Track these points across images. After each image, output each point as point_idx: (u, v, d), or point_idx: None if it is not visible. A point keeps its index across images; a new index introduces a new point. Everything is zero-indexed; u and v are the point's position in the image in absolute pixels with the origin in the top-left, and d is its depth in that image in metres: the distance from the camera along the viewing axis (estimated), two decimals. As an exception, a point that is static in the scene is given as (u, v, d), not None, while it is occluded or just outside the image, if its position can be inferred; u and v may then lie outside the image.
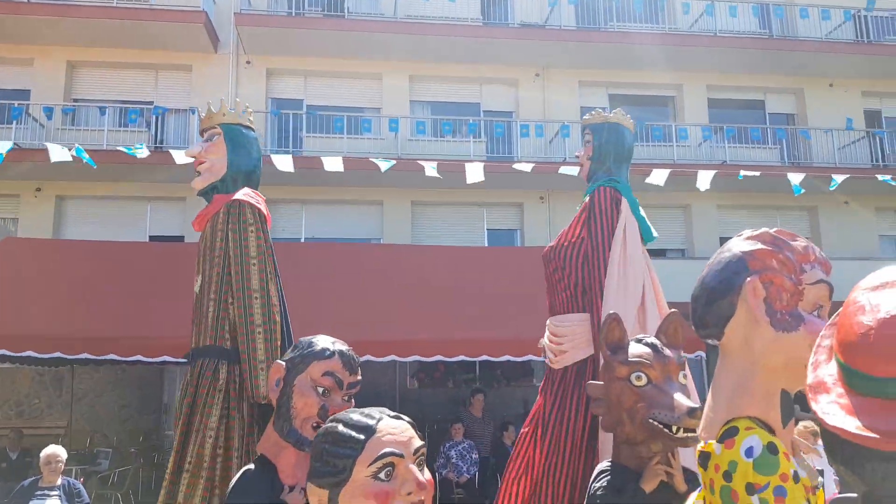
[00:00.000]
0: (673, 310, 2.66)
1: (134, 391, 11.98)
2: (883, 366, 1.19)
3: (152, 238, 13.02)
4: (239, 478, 2.36)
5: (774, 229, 2.03)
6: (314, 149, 13.74)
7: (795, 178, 9.52)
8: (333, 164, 7.73)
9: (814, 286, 1.88)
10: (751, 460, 1.67)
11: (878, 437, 1.15)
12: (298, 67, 14.44)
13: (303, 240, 13.67)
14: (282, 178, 12.97)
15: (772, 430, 1.81)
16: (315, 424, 2.34)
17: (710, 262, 2.02)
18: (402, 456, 1.71)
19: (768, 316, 1.85)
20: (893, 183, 9.15)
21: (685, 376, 2.50)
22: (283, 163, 7.92)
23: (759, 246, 1.92)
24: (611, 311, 2.74)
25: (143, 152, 7.62)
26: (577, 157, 4.40)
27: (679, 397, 2.36)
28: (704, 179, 7.97)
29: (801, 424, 5.00)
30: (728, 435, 1.79)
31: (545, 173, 11.71)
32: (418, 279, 8.78)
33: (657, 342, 2.51)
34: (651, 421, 2.35)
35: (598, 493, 2.47)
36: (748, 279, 1.86)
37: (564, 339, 3.85)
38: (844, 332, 1.30)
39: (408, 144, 14.14)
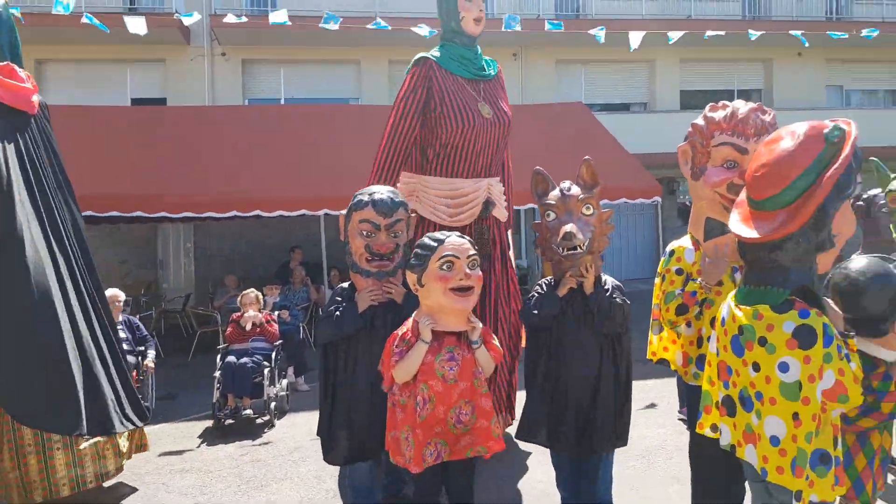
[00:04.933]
0: (586, 157, 3.37)
1: (130, 248, 12.73)
2: (761, 192, 2.14)
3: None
4: (336, 289, 3.40)
5: (709, 105, 2.98)
6: (289, 7, 13.65)
7: (755, 31, 10.09)
8: (328, 24, 8.14)
9: (717, 148, 2.84)
10: (671, 258, 2.90)
11: (757, 235, 2.12)
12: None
13: (283, 101, 13.97)
14: (259, 39, 13.08)
15: (697, 241, 2.88)
16: (367, 258, 3.26)
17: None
18: (457, 257, 2.86)
19: (690, 169, 2.89)
20: (844, 36, 9.84)
21: (589, 208, 3.22)
22: (278, 17, 8.29)
23: (699, 120, 2.95)
24: (537, 167, 3.46)
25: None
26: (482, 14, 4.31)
27: (565, 227, 3.11)
28: (674, 36, 8.61)
29: None
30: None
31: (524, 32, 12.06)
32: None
33: (566, 185, 3.26)
34: (552, 246, 3.20)
35: (530, 296, 3.35)
36: (680, 145, 2.93)
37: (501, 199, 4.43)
38: (748, 173, 2.26)
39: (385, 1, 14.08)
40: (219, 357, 5.94)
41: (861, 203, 3.91)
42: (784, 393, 2.06)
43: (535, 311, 3.23)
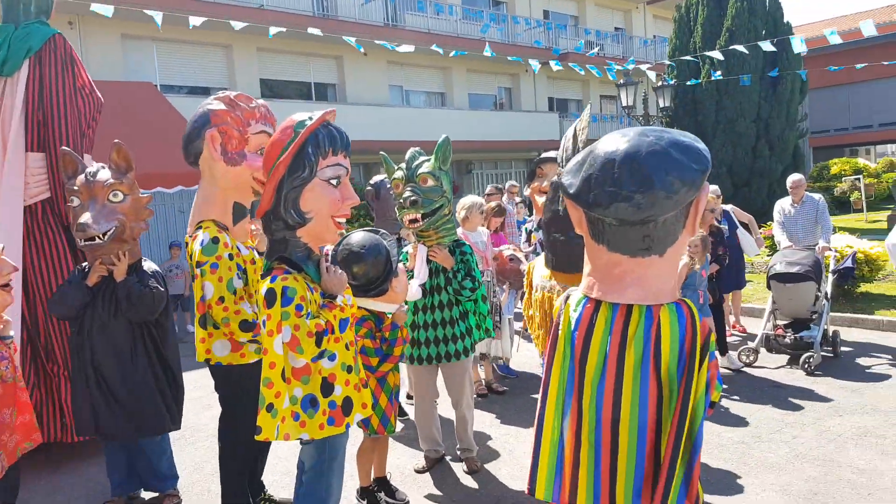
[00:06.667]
0: (116, 140, 3.22)
1: None
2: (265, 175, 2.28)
3: None
4: None
5: (235, 94, 3.00)
6: None
7: (317, 29, 10.70)
8: None
9: (256, 135, 2.94)
10: (200, 248, 2.71)
11: None
12: None
13: None
14: None
15: (226, 227, 2.85)
16: None
17: (191, 116, 2.96)
18: None
19: (223, 155, 2.87)
20: (394, 48, 11.10)
21: (117, 195, 3.06)
22: None
23: (220, 106, 2.92)
24: (63, 147, 3.27)
25: None
26: None
27: (80, 217, 2.95)
28: (238, 25, 8.57)
29: None
30: (196, 231, 2.81)
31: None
32: None
33: (93, 170, 3.09)
34: (77, 233, 3.02)
35: (60, 286, 3.20)
36: (209, 130, 2.86)
37: None
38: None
39: None
40: None
41: (370, 188, 4.49)
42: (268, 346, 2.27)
43: (64, 302, 3.07)
